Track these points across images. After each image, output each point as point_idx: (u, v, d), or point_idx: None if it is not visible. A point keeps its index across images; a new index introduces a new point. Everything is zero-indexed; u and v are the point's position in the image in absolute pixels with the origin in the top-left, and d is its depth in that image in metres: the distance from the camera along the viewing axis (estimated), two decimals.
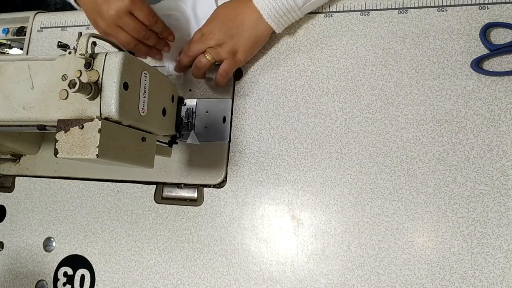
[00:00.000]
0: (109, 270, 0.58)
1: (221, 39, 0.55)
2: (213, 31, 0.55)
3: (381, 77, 0.53)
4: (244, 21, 0.54)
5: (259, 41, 0.56)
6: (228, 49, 0.55)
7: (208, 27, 0.56)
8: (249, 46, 0.55)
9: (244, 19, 0.54)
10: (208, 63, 0.56)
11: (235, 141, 0.57)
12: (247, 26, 0.54)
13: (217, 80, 0.56)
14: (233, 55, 0.55)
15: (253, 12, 0.53)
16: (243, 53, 0.56)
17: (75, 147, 0.38)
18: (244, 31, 0.54)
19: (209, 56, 0.55)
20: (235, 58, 0.56)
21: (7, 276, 0.62)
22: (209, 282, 0.53)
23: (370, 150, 0.51)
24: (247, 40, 0.55)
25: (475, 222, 0.47)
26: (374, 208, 0.50)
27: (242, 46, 0.55)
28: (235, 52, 0.55)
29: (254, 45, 0.56)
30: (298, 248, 0.51)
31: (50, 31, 0.71)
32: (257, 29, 0.54)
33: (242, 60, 0.56)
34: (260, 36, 0.55)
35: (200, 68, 0.56)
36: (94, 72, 0.39)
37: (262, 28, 0.54)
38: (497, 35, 0.50)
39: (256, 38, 0.55)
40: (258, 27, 0.54)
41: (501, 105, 0.48)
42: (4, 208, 0.65)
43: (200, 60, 0.56)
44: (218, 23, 0.56)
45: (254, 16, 0.53)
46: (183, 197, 0.58)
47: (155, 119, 0.46)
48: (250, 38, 0.55)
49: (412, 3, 0.54)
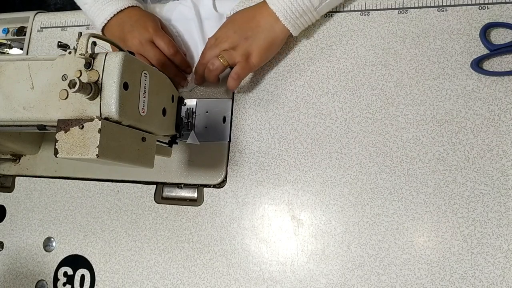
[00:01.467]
0: (109, 270, 0.58)
1: (236, 42, 0.54)
2: (228, 34, 0.55)
3: (381, 77, 0.53)
4: (260, 23, 0.53)
5: (275, 43, 0.54)
6: (242, 51, 0.53)
7: (223, 30, 0.56)
8: (264, 48, 0.54)
9: (259, 21, 0.53)
10: (221, 66, 0.54)
11: (235, 141, 0.57)
12: (262, 28, 0.53)
13: (229, 83, 0.54)
14: (247, 58, 0.54)
15: (269, 15, 0.52)
16: (257, 56, 0.54)
17: (75, 147, 0.38)
18: (259, 33, 0.53)
19: (223, 59, 0.54)
20: (248, 61, 0.54)
21: (7, 276, 0.62)
22: (209, 282, 0.53)
23: (370, 150, 0.51)
24: (262, 42, 0.53)
25: (475, 222, 0.47)
26: (374, 208, 0.50)
27: (256, 48, 0.53)
28: (249, 55, 0.54)
29: (269, 48, 0.54)
30: (298, 248, 0.51)
31: (50, 31, 0.71)
32: (273, 31, 0.53)
33: (255, 63, 0.54)
34: (276, 38, 0.54)
35: (212, 71, 0.54)
36: (94, 72, 0.39)
37: (278, 30, 0.53)
38: (497, 35, 0.50)
39: (272, 40, 0.53)
40: (274, 29, 0.53)
41: (501, 105, 0.48)
42: (4, 208, 0.65)
43: (213, 62, 0.54)
44: (233, 26, 0.55)
45: (270, 19, 0.53)
46: (183, 197, 0.58)
47: (155, 119, 0.46)
48: (265, 40, 0.53)
49: (412, 3, 0.54)
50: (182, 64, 0.59)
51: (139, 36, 0.57)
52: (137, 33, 0.57)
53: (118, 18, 0.58)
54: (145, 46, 0.57)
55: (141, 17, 0.58)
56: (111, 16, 0.58)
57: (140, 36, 0.57)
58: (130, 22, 0.58)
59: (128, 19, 0.58)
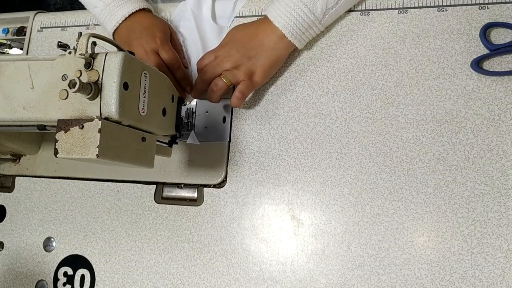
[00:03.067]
0: (109, 270, 0.58)
1: (238, 61, 0.53)
2: (230, 53, 0.54)
3: (381, 77, 0.53)
4: (264, 42, 0.53)
5: (278, 61, 0.54)
6: (246, 70, 0.53)
7: (224, 49, 0.55)
8: (267, 67, 0.53)
9: (263, 40, 0.53)
10: (225, 86, 0.54)
11: (235, 141, 0.57)
12: (266, 46, 0.52)
13: (233, 102, 0.53)
14: (250, 76, 0.53)
15: (273, 32, 0.52)
16: (261, 75, 0.54)
17: (75, 147, 0.38)
18: (263, 51, 0.53)
19: (226, 79, 0.53)
20: (252, 79, 0.54)
21: (7, 276, 0.62)
22: (209, 282, 0.53)
23: (370, 150, 0.51)
24: (266, 61, 0.53)
25: (475, 222, 0.47)
26: (374, 208, 0.50)
27: (260, 67, 0.53)
28: (252, 74, 0.53)
29: (272, 66, 0.54)
30: (298, 248, 0.51)
31: (50, 31, 0.71)
32: (276, 49, 0.53)
33: (259, 82, 0.54)
34: (280, 56, 0.54)
35: (216, 92, 0.54)
36: (94, 72, 0.39)
37: (282, 47, 0.53)
38: (497, 35, 0.50)
39: (276, 58, 0.53)
40: (278, 47, 0.53)
41: (501, 105, 0.48)
42: (4, 208, 0.65)
43: (216, 83, 0.54)
44: (235, 45, 0.54)
45: (274, 36, 0.52)
46: (183, 197, 0.58)
47: (155, 119, 0.46)
48: (269, 59, 0.53)
49: (412, 3, 0.54)
50: (183, 80, 0.59)
51: (146, 45, 0.56)
52: (144, 42, 0.56)
53: (128, 22, 0.58)
54: (149, 55, 0.56)
55: (151, 25, 0.58)
56: (123, 20, 0.58)
57: (147, 45, 0.56)
58: (140, 29, 0.57)
59: (138, 25, 0.58)
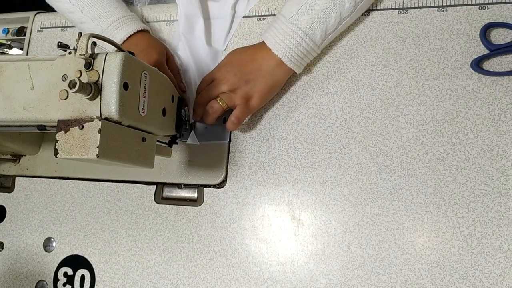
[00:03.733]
0: (109, 270, 0.58)
1: (235, 84, 0.53)
2: (227, 76, 0.53)
3: (381, 77, 0.53)
4: (262, 66, 0.52)
5: (276, 86, 0.54)
6: (242, 94, 0.53)
7: (221, 72, 0.54)
8: (265, 92, 0.53)
9: (261, 64, 0.52)
10: (220, 109, 0.53)
11: (235, 141, 0.57)
12: (264, 72, 0.52)
13: (228, 126, 0.53)
14: (247, 101, 0.53)
15: (271, 59, 0.52)
16: (257, 99, 0.53)
17: (75, 147, 0.38)
18: (260, 76, 0.52)
19: (222, 102, 0.53)
20: (248, 104, 0.53)
21: (7, 276, 0.62)
22: (209, 282, 0.53)
23: (370, 150, 0.51)
24: (263, 86, 0.53)
25: (475, 222, 0.47)
26: (374, 208, 0.50)
27: (257, 92, 0.53)
28: (249, 98, 0.53)
29: (270, 91, 0.54)
30: (298, 248, 0.51)
31: (50, 31, 0.71)
32: (274, 75, 0.52)
33: (256, 106, 0.54)
34: (277, 81, 0.53)
35: (211, 114, 0.53)
36: (94, 72, 0.39)
37: (280, 73, 0.53)
38: (497, 35, 0.50)
39: (273, 83, 0.53)
40: (276, 73, 0.52)
41: (501, 105, 0.48)
42: (4, 208, 0.65)
43: (212, 105, 0.53)
44: (232, 68, 0.53)
45: (272, 63, 0.52)
46: (183, 197, 0.58)
47: (155, 119, 0.46)
48: (266, 84, 0.53)
49: (412, 3, 0.54)
50: None
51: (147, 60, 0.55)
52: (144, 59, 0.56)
53: (126, 44, 0.57)
54: None
55: (148, 47, 0.57)
56: (121, 43, 0.57)
57: None
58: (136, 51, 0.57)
59: (134, 48, 0.56)
